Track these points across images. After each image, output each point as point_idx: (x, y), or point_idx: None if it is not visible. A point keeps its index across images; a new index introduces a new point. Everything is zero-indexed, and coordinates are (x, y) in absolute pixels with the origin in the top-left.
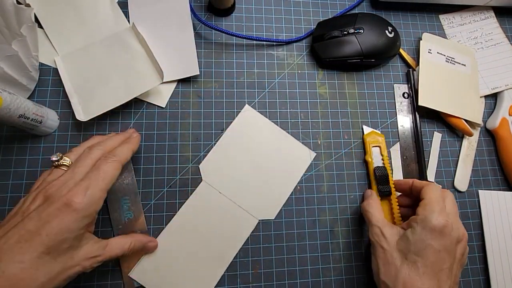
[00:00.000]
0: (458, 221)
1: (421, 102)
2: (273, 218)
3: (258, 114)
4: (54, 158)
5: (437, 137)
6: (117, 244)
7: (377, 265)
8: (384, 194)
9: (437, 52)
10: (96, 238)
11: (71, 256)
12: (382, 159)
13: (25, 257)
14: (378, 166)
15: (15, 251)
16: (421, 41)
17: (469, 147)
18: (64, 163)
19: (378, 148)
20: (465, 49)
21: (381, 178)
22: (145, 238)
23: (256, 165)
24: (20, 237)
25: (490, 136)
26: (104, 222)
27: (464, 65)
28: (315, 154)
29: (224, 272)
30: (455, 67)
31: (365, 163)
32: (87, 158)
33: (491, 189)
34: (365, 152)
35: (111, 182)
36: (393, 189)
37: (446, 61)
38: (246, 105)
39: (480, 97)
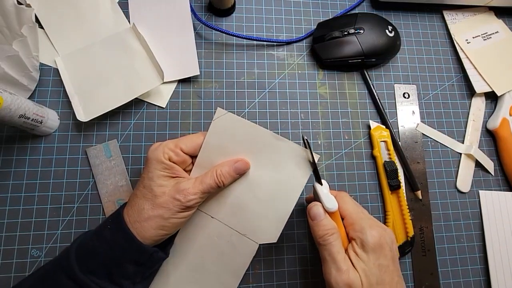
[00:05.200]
0: (374, 219)
1: (499, 92)
2: (275, 241)
3: (236, 118)
4: None
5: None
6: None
7: None
8: (394, 188)
9: (473, 37)
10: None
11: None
12: (389, 153)
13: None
14: (386, 161)
15: None
16: (454, 37)
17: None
18: None
19: (384, 143)
20: (486, 17)
21: (391, 172)
22: (229, 161)
23: (248, 180)
24: None
25: (491, 136)
26: None
27: (497, 31)
28: (318, 156)
29: None
30: (493, 39)
31: (373, 157)
32: None
33: (491, 189)
34: (372, 147)
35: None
36: (401, 183)
37: (484, 39)
38: (219, 108)
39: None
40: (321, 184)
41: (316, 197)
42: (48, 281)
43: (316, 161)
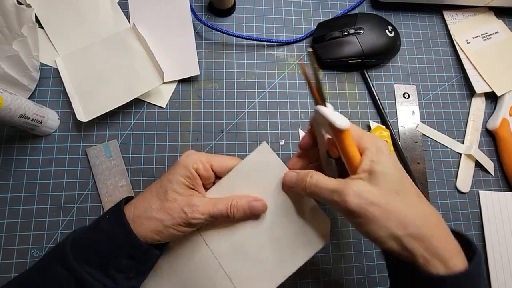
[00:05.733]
0: None
1: (499, 92)
2: None
3: (277, 161)
4: None
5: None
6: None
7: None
8: None
9: (473, 38)
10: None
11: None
12: None
13: None
14: None
15: None
16: (454, 37)
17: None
18: None
19: None
20: (486, 17)
21: None
22: (248, 196)
23: (260, 226)
24: None
25: (491, 136)
26: None
27: (497, 32)
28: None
29: None
30: (493, 39)
31: None
32: None
33: (491, 190)
34: None
35: None
36: None
37: (484, 40)
38: (264, 143)
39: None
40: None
41: (316, 122)
42: (43, 271)
43: (320, 78)
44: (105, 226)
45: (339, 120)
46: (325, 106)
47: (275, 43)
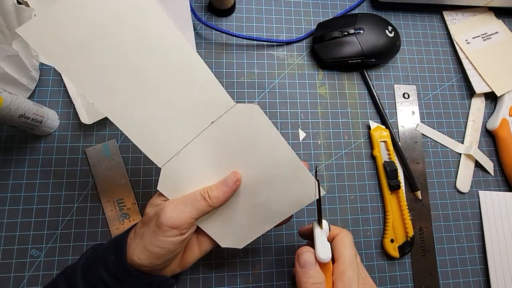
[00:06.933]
0: (366, 272)
1: (498, 92)
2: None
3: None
4: None
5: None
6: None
7: None
8: (394, 188)
9: (472, 38)
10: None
11: None
12: (389, 154)
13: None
14: (386, 161)
15: None
16: (454, 38)
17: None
18: None
19: (384, 143)
20: (486, 18)
21: (391, 172)
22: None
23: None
24: None
25: (491, 136)
26: (103, 222)
27: (497, 32)
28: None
29: (224, 272)
30: (492, 39)
31: (373, 158)
32: None
33: (491, 190)
34: (372, 147)
35: None
36: (401, 183)
37: (484, 40)
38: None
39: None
40: (321, 227)
41: (311, 237)
42: None
43: (320, 197)
44: (106, 247)
45: (322, 251)
46: (320, 226)
47: (275, 43)
